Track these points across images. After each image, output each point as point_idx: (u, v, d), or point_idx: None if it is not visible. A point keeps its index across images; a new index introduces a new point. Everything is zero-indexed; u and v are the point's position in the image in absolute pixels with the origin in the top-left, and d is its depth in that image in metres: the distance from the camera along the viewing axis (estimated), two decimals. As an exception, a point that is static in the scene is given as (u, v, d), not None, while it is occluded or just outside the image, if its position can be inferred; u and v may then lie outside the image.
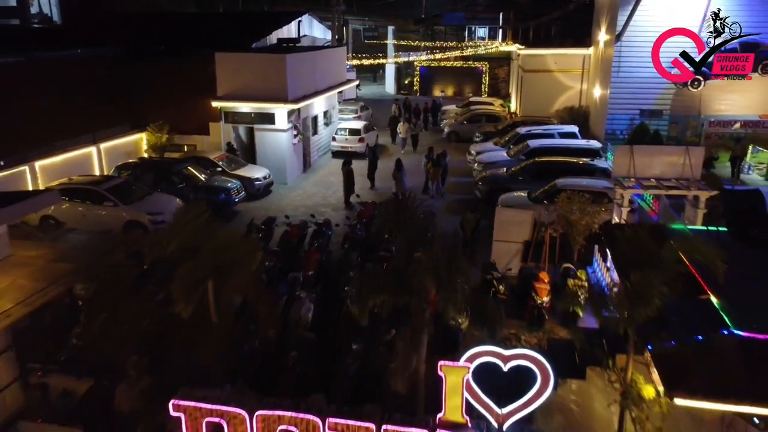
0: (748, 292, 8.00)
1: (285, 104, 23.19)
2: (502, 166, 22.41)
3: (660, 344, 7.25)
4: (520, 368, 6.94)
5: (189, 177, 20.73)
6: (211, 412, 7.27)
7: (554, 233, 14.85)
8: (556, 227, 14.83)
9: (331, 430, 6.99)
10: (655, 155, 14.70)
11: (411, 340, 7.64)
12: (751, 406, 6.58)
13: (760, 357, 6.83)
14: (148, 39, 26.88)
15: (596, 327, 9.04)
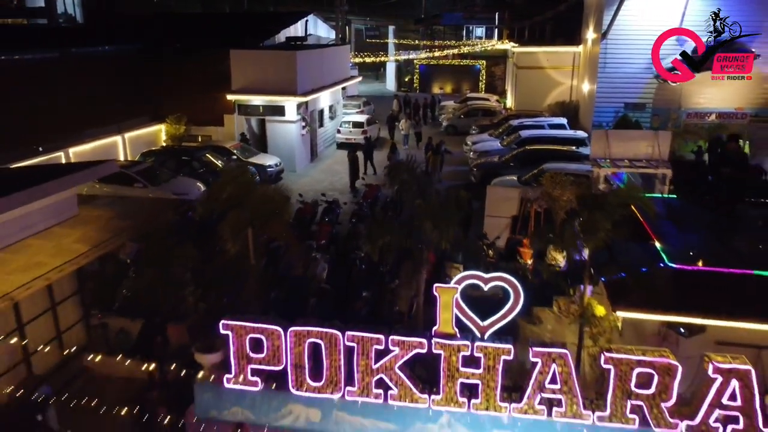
0: (682, 238, 9.87)
1: (294, 97, 25.07)
2: (495, 154, 24.27)
3: (611, 276, 9.13)
4: (496, 299, 8.83)
5: (208, 163, 22.62)
6: (254, 329, 9.12)
7: (539, 208, 16.71)
8: (540, 203, 16.69)
9: (349, 341, 8.85)
10: (628, 139, 16.59)
11: (413, 272, 9.49)
12: (677, 316, 8.47)
13: (686, 282, 8.70)
14: (166, 37, 28.73)
15: (565, 269, 10.90)
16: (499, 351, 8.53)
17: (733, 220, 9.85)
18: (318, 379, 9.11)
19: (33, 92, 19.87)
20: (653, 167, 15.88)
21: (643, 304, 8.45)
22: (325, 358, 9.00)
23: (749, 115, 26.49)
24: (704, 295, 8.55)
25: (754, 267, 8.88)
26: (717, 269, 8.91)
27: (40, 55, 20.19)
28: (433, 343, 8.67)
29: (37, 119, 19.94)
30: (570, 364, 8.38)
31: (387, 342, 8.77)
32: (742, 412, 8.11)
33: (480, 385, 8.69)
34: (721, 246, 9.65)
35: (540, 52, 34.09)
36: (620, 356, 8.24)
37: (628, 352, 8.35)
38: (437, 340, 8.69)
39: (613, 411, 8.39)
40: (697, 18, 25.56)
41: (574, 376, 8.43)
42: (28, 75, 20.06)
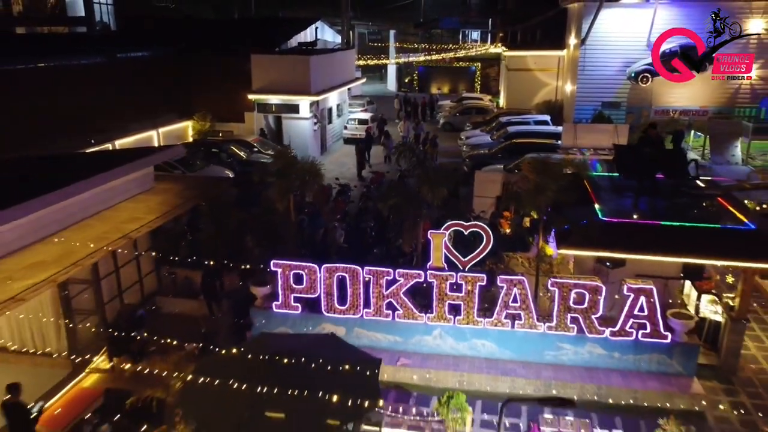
0: (616, 202, 13.15)
1: (308, 96, 28.34)
2: (485, 147, 27.52)
3: (560, 227, 12.41)
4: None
5: (233, 154, 25.89)
6: (296, 267, 12.36)
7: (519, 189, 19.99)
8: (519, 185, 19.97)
9: (367, 274, 12.10)
10: (592, 131, 19.90)
11: (412, 225, 12.75)
12: (603, 252, 11.77)
13: (611, 230, 11.95)
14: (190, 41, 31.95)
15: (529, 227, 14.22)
16: (476, 279, 11.77)
17: (652, 188, 13.11)
18: (343, 304, 12.35)
19: (86, 92, 23.08)
20: (611, 153, 19.15)
21: (579, 245, 11.74)
22: (348, 287, 12.24)
23: (710, 112, 29.76)
24: (624, 238, 11.81)
25: (662, 219, 12.15)
26: (635, 221, 12.21)
27: (91, 60, 23.41)
28: (428, 274, 11.93)
29: (88, 115, 23.15)
30: (527, 287, 11.64)
31: (394, 274, 12.03)
32: (649, 320, 11.38)
33: (462, 305, 11.95)
34: (641, 205, 12.93)
35: (528, 56, 37.38)
36: (562, 281, 11.51)
37: (568, 278, 11.65)
38: (431, 272, 11.95)
39: (557, 322, 11.65)
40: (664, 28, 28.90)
41: (530, 298, 11.69)
42: (81, 77, 23.27)
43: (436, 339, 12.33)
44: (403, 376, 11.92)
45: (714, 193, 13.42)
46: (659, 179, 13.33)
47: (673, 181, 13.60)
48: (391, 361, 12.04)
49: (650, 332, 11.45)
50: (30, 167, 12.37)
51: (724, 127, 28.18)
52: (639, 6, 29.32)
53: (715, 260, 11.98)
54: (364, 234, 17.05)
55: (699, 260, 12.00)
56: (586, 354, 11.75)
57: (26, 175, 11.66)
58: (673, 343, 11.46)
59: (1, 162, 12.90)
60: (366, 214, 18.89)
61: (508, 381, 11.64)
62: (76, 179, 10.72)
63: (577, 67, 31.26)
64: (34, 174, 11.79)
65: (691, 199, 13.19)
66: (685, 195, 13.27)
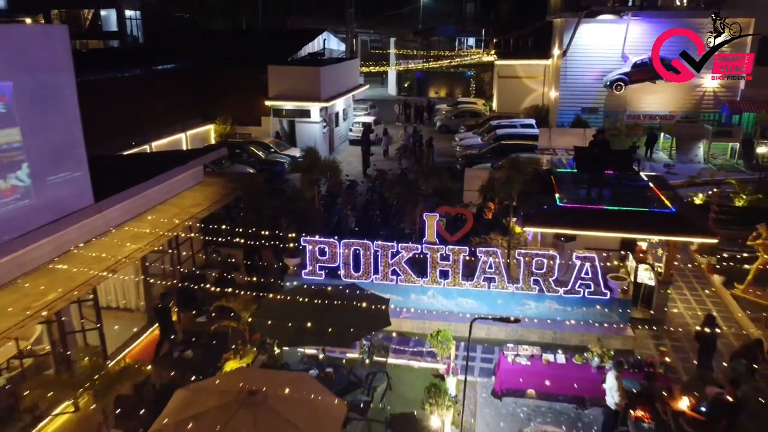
0: (573, 192, 16.61)
1: (318, 102, 31.80)
2: (476, 148, 31.00)
3: (526, 211, 15.89)
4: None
5: (253, 154, 29.36)
6: (321, 242, 15.82)
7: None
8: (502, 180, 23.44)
9: (376, 248, 15.55)
10: (564, 134, 23.35)
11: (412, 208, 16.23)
12: (558, 229, 15.27)
13: (566, 213, 15.43)
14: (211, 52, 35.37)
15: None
16: (461, 251, 15.23)
17: (601, 181, 16.56)
18: (357, 271, 15.80)
19: (127, 101, 26.54)
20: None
21: (539, 224, 15.24)
22: (361, 258, 15.70)
23: (678, 116, 33.24)
24: (576, 219, 15.28)
25: (606, 204, 15.63)
26: (584, 206, 15.69)
27: (131, 73, 26.89)
28: (423, 248, 15.39)
29: (128, 121, 26.60)
30: (500, 257, 15.10)
31: (397, 248, 15.49)
32: (592, 282, 14.85)
33: (450, 271, 15.41)
34: (591, 194, 16.40)
35: (518, 64, 40.86)
36: (526, 251, 14.99)
37: (531, 249, 15.13)
38: (426, 246, 15.41)
39: (523, 284, 15.12)
40: (636, 41, 32.48)
41: (502, 266, 15.16)
42: (123, 88, 26.74)
43: (430, 298, 15.81)
44: (405, 326, 15.39)
45: (648, 184, 16.93)
46: (607, 174, 16.81)
47: (621, 174, 17.08)
48: (395, 315, 15.46)
49: (594, 291, 14.93)
50: (118, 164, 15.84)
51: (689, 130, 31.75)
52: (613, 21, 32.79)
53: (643, 235, 15.49)
54: (371, 220, 20.54)
55: (632, 235, 15.51)
56: (545, 308, 15.23)
57: (120, 169, 15.14)
58: (611, 299, 14.95)
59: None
60: (372, 205, 22.39)
61: (485, 328, 15.11)
62: (162, 171, 14.18)
63: (560, 76, 34.73)
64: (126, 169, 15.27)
65: (630, 189, 16.68)
66: (626, 186, 16.75)
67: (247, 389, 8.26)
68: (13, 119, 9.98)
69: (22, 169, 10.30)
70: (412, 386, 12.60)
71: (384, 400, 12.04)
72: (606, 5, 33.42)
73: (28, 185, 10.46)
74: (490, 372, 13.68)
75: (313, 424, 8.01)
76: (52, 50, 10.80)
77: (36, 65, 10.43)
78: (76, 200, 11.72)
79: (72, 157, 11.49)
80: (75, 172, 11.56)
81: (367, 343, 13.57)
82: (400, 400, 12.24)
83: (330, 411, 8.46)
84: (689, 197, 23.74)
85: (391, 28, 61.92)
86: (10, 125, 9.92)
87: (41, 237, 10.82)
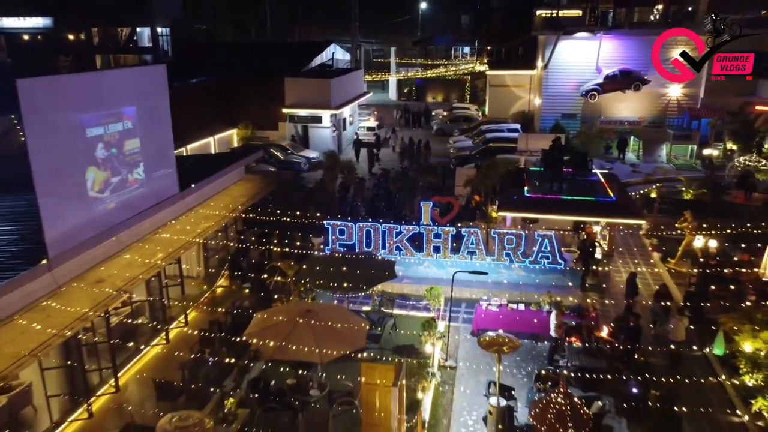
0: (539, 186, 21.07)
1: (329, 110, 36.25)
2: (468, 149, 35.46)
3: (503, 201, 20.39)
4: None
5: (273, 155, 33.80)
6: (340, 224, 20.29)
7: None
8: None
9: (384, 229, 20.03)
10: (539, 138, 27.72)
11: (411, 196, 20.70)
12: (525, 213, 19.77)
13: (531, 201, 19.92)
14: (232, 64, 39.77)
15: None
16: (449, 231, 19.71)
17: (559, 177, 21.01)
18: (369, 247, 20.27)
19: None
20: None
21: (510, 209, 19.73)
22: (372, 236, 20.17)
23: (645, 122, 37.73)
24: (538, 206, 19.74)
25: (562, 195, 20.10)
26: (545, 196, 20.15)
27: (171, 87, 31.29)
28: (420, 228, 19.86)
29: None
30: (479, 235, 19.56)
31: (400, 228, 19.97)
32: (551, 254, 19.31)
33: (441, 247, 19.87)
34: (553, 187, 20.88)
35: (506, 74, 45.36)
36: (500, 231, 19.46)
37: (504, 229, 19.61)
38: (423, 226, 19.88)
39: (497, 255, 19.57)
40: (608, 56, 36.97)
41: (482, 242, 19.62)
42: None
43: (426, 268, 20.26)
44: (406, 289, 19.80)
45: (598, 179, 21.42)
46: (566, 172, 21.29)
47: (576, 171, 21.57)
48: (399, 281, 19.91)
49: (552, 261, 19.40)
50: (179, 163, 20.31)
51: (654, 134, 36.27)
52: (588, 39, 37.28)
53: (589, 218, 19.98)
54: (378, 210, 25.01)
55: (581, 218, 20.00)
56: (514, 274, 19.68)
57: (182, 167, 19.63)
58: (565, 268, 19.42)
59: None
60: (378, 197, 26.87)
61: (467, 291, 19.55)
62: (217, 169, 18.64)
63: (543, 86, 39.21)
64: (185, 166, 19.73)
65: (583, 183, 21.16)
66: (579, 180, 21.23)
67: (304, 309, 12.74)
68: (136, 132, 14.43)
69: (139, 167, 14.75)
70: (412, 328, 17.01)
71: (391, 334, 16.48)
72: (582, 25, 37.92)
73: (142, 178, 14.91)
74: (470, 321, 18.14)
75: (349, 330, 12.48)
76: (157, 83, 15.27)
77: (148, 94, 14.89)
78: (169, 189, 16.18)
79: (167, 158, 15.95)
80: (168, 168, 16.03)
81: (378, 299, 18.00)
82: (403, 336, 16.68)
83: (358, 324, 12.95)
84: (647, 192, 28.21)
85: (391, 36, 66.41)
86: (134, 137, 14.36)
87: (149, 215, 15.28)
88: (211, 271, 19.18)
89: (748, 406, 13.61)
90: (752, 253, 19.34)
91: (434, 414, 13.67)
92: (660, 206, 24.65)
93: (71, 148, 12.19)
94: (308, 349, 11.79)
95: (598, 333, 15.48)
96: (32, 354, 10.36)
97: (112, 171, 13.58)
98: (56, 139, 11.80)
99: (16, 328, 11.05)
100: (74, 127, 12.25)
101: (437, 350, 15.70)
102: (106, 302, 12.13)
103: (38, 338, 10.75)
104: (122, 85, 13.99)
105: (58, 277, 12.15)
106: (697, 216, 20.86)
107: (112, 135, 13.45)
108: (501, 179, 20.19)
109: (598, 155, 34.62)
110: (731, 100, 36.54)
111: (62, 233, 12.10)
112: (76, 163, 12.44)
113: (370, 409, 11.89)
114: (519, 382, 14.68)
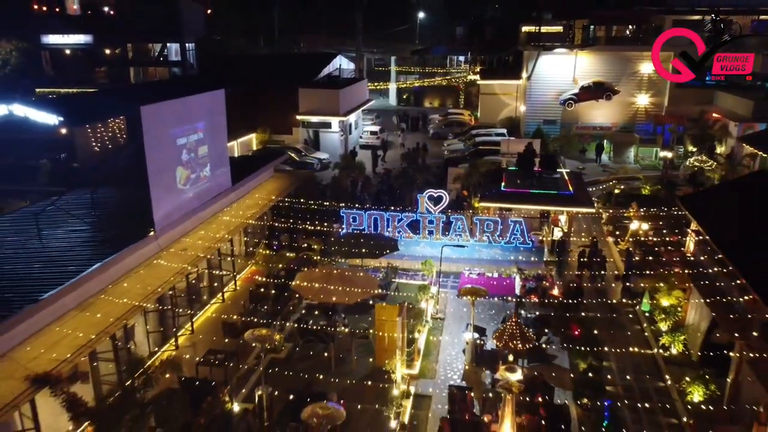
0: (514, 182, 26.05)
1: (338, 117, 41.23)
2: (460, 151, 40.43)
3: (484, 194, 25.40)
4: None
5: (290, 157, 38.72)
6: (354, 213, 25.24)
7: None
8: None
9: (388, 217, 24.99)
10: (519, 143, 32.68)
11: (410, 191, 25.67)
12: (501, 204, 24.80)
13: (506, 194, 24.91)
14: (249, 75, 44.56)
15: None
16: (440, 218, 24.69)
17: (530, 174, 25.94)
18: (376, 230, 25.20)
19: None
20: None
21: (490, 201, 24.73)
22: (379, 222, 25.13)
23: (617, 127, 42.73)
24: (512, 198, 24.71)
25: (531, 189, 25.06)
26: (518, 190, 25.12)
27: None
28: (418, 215, 24.84)
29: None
30: (465, 222, 24.55)
31: (401, 216, 24.95)
32: (521, 236, 24.29)
33: (434, 230, 24.86)
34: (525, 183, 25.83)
35: (496, 83, 50.33)
36: (482, 218, 24.46)
37: (486, 216, 24.61)
38: (419, 214, 24.86)
39: (479, 238, 24.55)
40: (584, 69, 41.99)
41: (467, 227, 24.59)
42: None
43: (422, 248, 25.23)
44: (406, 264, 24.74)
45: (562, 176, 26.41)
46: (537, 171, 26.27)
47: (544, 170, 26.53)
48: (400, 257, 24.86)
49: (522, 242, 24.38)
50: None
51: (623, 138, 41.25)
52: (566, 54, 42.29)
53: (552, 208, 24.97)
54: (383, 202, 29.99)
55: (545, 208, 25.01)
56: (492, 253, 24.64)
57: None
58: (534, 247, 24.40)
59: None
60: (383, 193, 31.85)
61: (455, 266, 24.49)
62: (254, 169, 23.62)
63: (526, 95, 44.19)
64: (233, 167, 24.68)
65: (549, 180, 26.13)
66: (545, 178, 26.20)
67: (332, 269, 17.75)
68: (205, 141, 19.38)
69: (207, 167, 19.69)
70: (410, 292, 21.95)
71: (394, 294, 21.46)
72: (560, 42, 42.94)
73: (209, 175, 19.86)
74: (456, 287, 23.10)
75: (365, 279, 17.54)
76: (217, 103, 20.22)
77: (212, 112, 19.85)
78: (225, 184, 21.14)
79: (223, 159, 20.90)
80: (225, 168, 20.98)
81: (385, 270, 22.90)
82: (403, 297, 21.63)
83: (371, 279, 17.97)
84: (612, 186, 33.24)
85: (391, 45, 71.36)
86: (204, 144, 19.31)
87: (211, 204, 20.23)
88: (250, 250, 24.14)
89: (659, 343, 18.62)
90: (681, 235, 24.35)
91: (427, 347, 18.67)
92: (617, 200, 29.66)
93: (168, 153, 17.15)
94: (340, 289, 16.82)
95: (551, 292, 20.48)
96: (147, 298, 15.28)
97: (191, 170, 18.53)
98: (160, 147, 16.74)
99: (137, 278, 16.01)
100: (170, 138, 17.20)
101: (430, 306, 20.69)
102: (194, 261, 17.11)
103: (153, 284, 15.69)
104: (198, 105, 18.95)
105: (161, 243, 17.11)
106: (646, 207, 25.87)
107: (191, 143, 18.40)
108: (483, 177, 25.20)
109: (574, 157, 39.65)
110: (692, 108, 41.41)
111: (163, 214, 17.06)
112: (171, 164, 17.39)
113: (381, 338, 16.88)
114: (490, 324, 19.69)
